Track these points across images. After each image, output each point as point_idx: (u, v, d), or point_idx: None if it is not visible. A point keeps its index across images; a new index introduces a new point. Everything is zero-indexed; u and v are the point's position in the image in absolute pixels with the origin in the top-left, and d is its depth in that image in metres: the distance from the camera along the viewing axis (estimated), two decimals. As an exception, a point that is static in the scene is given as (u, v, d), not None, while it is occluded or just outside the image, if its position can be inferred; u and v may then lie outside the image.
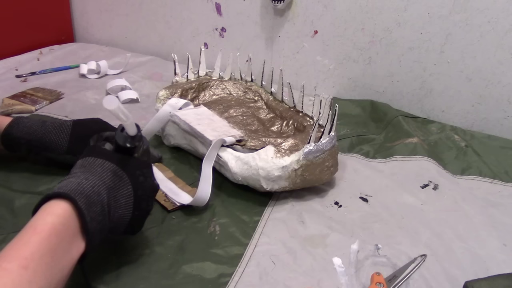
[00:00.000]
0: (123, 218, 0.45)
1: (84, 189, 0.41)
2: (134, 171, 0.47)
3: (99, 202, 0.42)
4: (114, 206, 0.44)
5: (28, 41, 1.18)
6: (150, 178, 0.49)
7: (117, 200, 0.44)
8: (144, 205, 0.48)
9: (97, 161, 0.45)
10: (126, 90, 0.94)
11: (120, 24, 1.28)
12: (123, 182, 0.45)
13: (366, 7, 0.91)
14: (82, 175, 0.43)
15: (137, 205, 0.46)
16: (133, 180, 0.46)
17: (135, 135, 0.47)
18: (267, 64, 0.84)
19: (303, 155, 0.59)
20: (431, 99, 0.93)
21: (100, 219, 0.42)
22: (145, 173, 0.48)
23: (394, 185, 0.67)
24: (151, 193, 0.49)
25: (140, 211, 0.47)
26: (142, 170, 0.48)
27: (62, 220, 0.38)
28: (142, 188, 0.47)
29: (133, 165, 0.47)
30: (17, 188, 0.61)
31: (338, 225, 0.58)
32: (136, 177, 0.46)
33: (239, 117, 0.77)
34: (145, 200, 0.47)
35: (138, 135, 0.48)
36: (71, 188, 0.41)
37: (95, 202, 0.41)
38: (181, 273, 0.49)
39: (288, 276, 0.50)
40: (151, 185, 0.49)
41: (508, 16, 0.80)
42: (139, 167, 0.48)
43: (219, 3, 1.08)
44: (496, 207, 0.63)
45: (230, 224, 0.57)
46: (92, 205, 0.41)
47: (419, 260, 0.52)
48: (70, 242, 0.39)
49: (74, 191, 0.40)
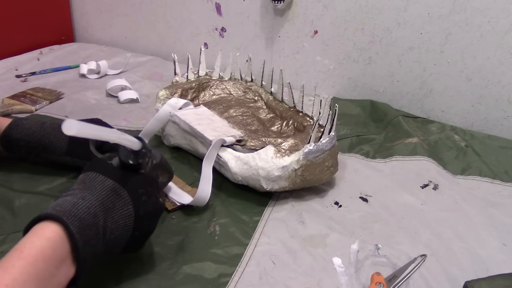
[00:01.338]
0: (120, 239, 0.43)
1: (78, 211, 0.39)
2: (137, 190, 0.45)
3: (94, 225, 0.40)
4: (111, 228, 0.42)
5: (28, 41, 1.18)
6: (155, 196, 0.47)
7: (115, 222, 0.42)
8: (146, 225, 0.46)
9: (98, 177, 0.43)
10: (126, 90, 0.94)
11: (120, 24, 1.28)
12: (123, 202, 0.43)
13: (366, 7, 0.91)
14: (80, 194, 0.41)
15: (138, 225, 0.44)
16: (135, 199, 0.44)
17: (138, 150, 0.45)
18: (267, 64, 0.84)
19: (303, 155, 0.59)
20: (431, 99, 0.93)
21: (93, 242, 0.40)
22: (149, 192, 0.46)
23: (394, 185, 0.67)
24: (154, 213, 0.46)
25: (141, 231, 0.45)
26: (146, 188, 0.46)
27: (51, 244, 0.36)
28: (144, 208, 0.45)
29: (136, 182, 0.45)
30: (17, 188, 0.61)
31: (338, 225, 0.58)
32: (139, 196, 0.44)
33: (239, 117, 0.77)
34: (146, 220, 0.45)
35: (142, 151, 0.46)
36: (65, 209, 0.39)
37: (89, 225, 0.39)
38: (181, 273, 0.49)
39: (288, 276, 0.50)
40: (155, 203, 0.46)
41: (508, 16, 0.80)
42: (143, 185, 0.46)
43: (219, 3, 1.08)
44: (496, 207, 0.63)
45: (230, 224, 0.57)
46: (86, 228, 0.39)
47: (419, 260, 0.52)
48: (59, 267, 0.37)
49: (67, 212, 0.38)
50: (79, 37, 1.37)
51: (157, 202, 0.47)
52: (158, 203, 0.47)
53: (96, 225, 0.40)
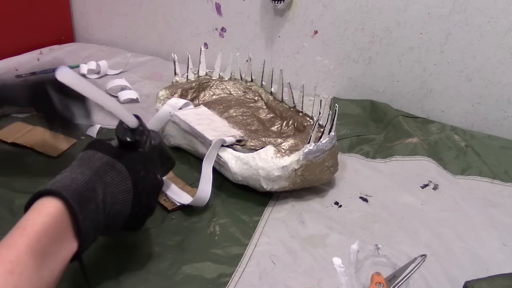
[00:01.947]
0: (120, 215, 0.44)
1: (77, 186, 0.39)
2: (135, 165, 0.45)
3: (93, 199, 0.40)
4: (110, 203, 0.42)
5: (28, 41, 1.18)
6: (153, 173, 0.47)
7: (114, 196, 0.42)
8: (145, 201, 0.46)
9: (97, 154, 0.44)
10: (126, 90, 0.94)
11: (120, 24, 1.28)
12: (122, 177, 0.43)
13: (366, 7, 0.91)
14: (78, 169, 0.41)
15: (137, 201, 0.44)
16: (133, 174, 0.44)
17: (135, 128, 0.45)
18: (267, 64, 0.84)
19: (303, 155, 0.59)
20: (431, 99, 0.93)
21: (94, 216, 0.40)
22: (147, 168, 0.46)
23: (394, 185, 0.67)
24: (153, 188, 0.47)
25: (141, 207, 0.45)
26: (144, 164, 0.46)
27: (53, 220, 0.37)
28: (142, 183, 0.45)
29: (134, 159, 0.45)
30: (17, 188, 0.61)
31: (338, 225, 0.58)
32: (137, 171, 0.45)
33: (239, 117, 0.77)
34: (146, 195, 0.45)
35: (139, 129, 0.46)
36: (64, 184, 0.39)
37: (89, 199, 0.40)
38: (181, 273, 0.50)
39: (288, 276, 0.50)
40: (153, 180, 0.47)
41: (508, 16, 0.80)
42: (141, 161, 0.46)
43: (219, 3, 1.08)
44: (496, 207, 0.63)
45: (230, 224, 0.57)
46: (85, 203, 0.39)
47: (419, 260, 0.52)
48: (61, 243, 0.37)
49: (67, 188, 0.39)
50: (79, 37, 1.37)
51: (155, 178, 0.47)
52: (157, 180, 0.47)
53: (95, 199, 0.40)
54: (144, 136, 0.47)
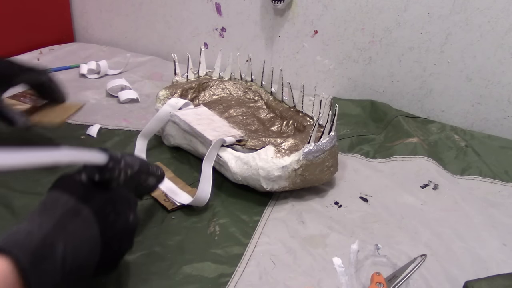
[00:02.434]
0: (86, 267, 0.39)
1: (32, 242, 0.35)
2: (104, 208, 0.41)
3: (51, 256, 0.35)
4: (73, 256, 0.37)
5: (28, 41, 1.18)
6: (125, 214, 0.43)
7: (78, 248, 0.38)
8: (116, 246, 0.42)
9: (62, 198, 0.40)
10: (126, 90, 0.94)
11: (120, 24, 1.28)
12: (87, 224, 0.39)
13: (366, 7, 0.91)
14: (37, 219, 0.37)
15: (106, 248, 0.40)
16: (101, 219, 0.40)
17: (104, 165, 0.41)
18: (267, 64, 0.84)
19: (303, 155, 0.59)
20: (431, 99, 0.93)
21: (51, 275, 0.35)
22: (118, 210, 0.42)
23: (394, 185, 0.67)
24: (125, 231, 0.43)
25: (111, 253, 0.42)
26: (114, 205, 0.42)
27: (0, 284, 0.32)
28: (112, 228, 0.41)
29: (103, 200, 0.42)
30: (17, 188, 0.61)
31: (338, 225, 0.58)
32: (106, 215, 0.41)
33: (239, 117, 0.77)
34: (116, 241, 0.42)
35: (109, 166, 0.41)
36: (17, 239, 0.35)
37: (45, 256, 0.35)
38: (181, 273, 0.49)
39: (288, 276, 0.50)
40: (125, 222, 0.43)
41: (508, 16, 0.80)
42: (111, 202, 0.42)
43: (219, 3, 1.08)
44: (496, 207, 0.63)
45: (230, 224, 0.57)
46: (41, 260, 0.34)
47: (419, 260, 0.52)
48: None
49: (20, 244, 0.34)
50: (79, 37, 1.37)
51: (127, 220, 0.43)
52: (129, 221, 0.43)
53: (53, 257, 0.36)
54: (115, 171, 0.42)
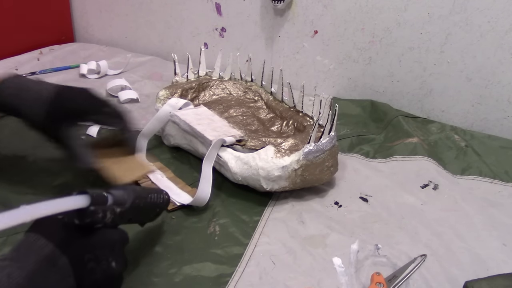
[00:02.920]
0: None
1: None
2: (82, 256, 0.39)
3: None
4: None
5: (28, 41, 1.18)
6: (106, 261, 0.40)
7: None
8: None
9: (38, 242, 0.37)
10: (126, 90, 0.94)
11: (120, 24, 1.28)
12: (61, 274, 0.37)
13: (366, 7, 0.91)
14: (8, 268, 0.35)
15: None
16: (78, 268, 0.38)
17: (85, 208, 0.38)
18: (267, 64, 0.84)
19: (303, 155, 0.59)
20: (431, 99, 0.93)
21: None
22: (98, 257, 0.40)
23: (394, 185, 0.67)
24: (105, 281, 0.40)
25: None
26: (95, 252, 0.39)
27: None
28: (90, 277, 0.39)
29: (82, 247, 0.39)
30: (17, 189, 0.61)
31: (338, 225, 0.58)
32: (84, 263, 0.38)
33: (239, 117, 0.77)
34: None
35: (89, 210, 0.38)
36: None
37: None
38: (181, 273, 0.49)
39: (288, 276, 0.50)
40: (105, 270, 0.40)
41: (508, 16, 0.80)
42: (92, 249, 0.39)
43: (219, 3, 1.08)
44: (496, 207, 0.63)
45: (230, 224, 0.57)
46: None
47: (419, 260, 0.52)
48: None
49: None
50: (79, 37, 1.37)
51: (109, 268, 0.40)
52: (110, 269, 0.41)
53: None
54: (98, 214, 0.39)
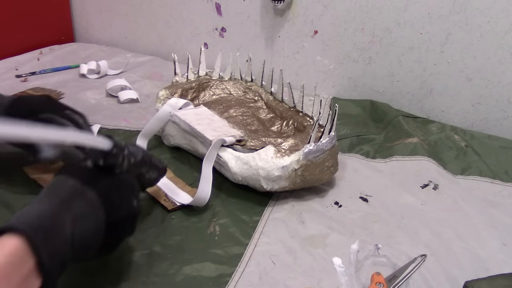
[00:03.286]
0: (91, 246, 0.41)
1: (43, 220, 0.37)
2: (109, 193, 0.42)
3: (61, 234, 0.37)
4: (79, 235, 0.39)
5: (28, 41, 1.18)
6: (129, 199, 0.44)
7: (84, 228, 0.40)
8: (120, 230, 0.44)
9: (68, 181, 0.41)
10: (126, 90, 0.94)
11: (120, 24, 1.28)
12: (93, 207, 0.41)
13: (366, 7, 0.91)
14: (47, 201, 0.39)
15: (111, 230, 0.42)
16: (107, 203, 0.42)
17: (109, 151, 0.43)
18: (267, 64, 0.84)
19: (303, 155, 0.59)
20: (431, 99, 0.93)
21: (61, 251, 0.37)
22: (122, 195, 0.44)
23: (394, 185, 0.67)
24: (128, 216, 0.44)
25: (114, 236, 0.43)
26: (119, 191, 0.44)
27: (13, 260, 0.34)
28: (116, 212, 0.43)
29: (108, 186, 0.43)
30: (17, 189, 0.61)
31: (338, 225, 0.58)
32: (110, 200, 0.42)
33: (239, 117, 0.77)
34: (120, 225, 0.43)
35: (113, 152, 0.43)
36: (29, 219, 0.36)
37: (55, 235, 0.37)
38: (181, 273, 0.49)
39: (288, 276, 0.50)
40: (129, 207, 0.44)
41: (508, 16, 0.80)
42: (116, 188, 0.43)
43: (219, 3, 1.08)
44: (496, 207, 0.63)
45: (230, 224, 0.57)
46: (51, 238, 0.36)
47: (419, 260, 0.52)
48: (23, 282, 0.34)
49: (31, 223, 0.36)
50: (79, 37, 1.37)
51: (131, 206, 0.45)
52: (132, 208, 0.45)
53: (62, 234, 0.38)
54: (119, 157, 0.44)
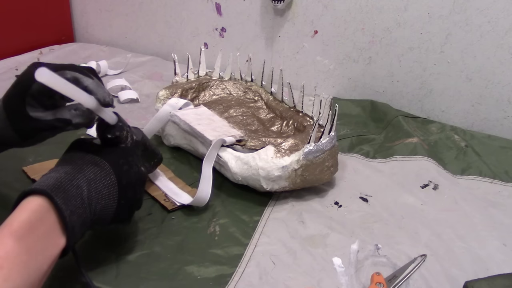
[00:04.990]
0: (107, 209, 0.45)
1: (62, 183, 0.41)
2: (118, 160, 0.46)
3: (79, 195, 0.41)
4: (96, 198, 0.43)
5: (28, 41, 1.18)
6: (136, 166, 0.48)
7: (99, 191, 0.44)
8: (131, 193, 0.47)
9: (78, 154, 0.45)
10: (126, 90, 0.94)
11: (120, 24, 1.28)
12: (105, 172, 0.45)
13: (366, 7, 0.91)
14: (62, 169, 0.43)
15: (123, 194, 0.46)
16: (116, 169, 0.45)
17: (115, 124, 0.47)
18: (267, 64, 0.84)
19: (303, 155, 0.59)
20: (431, 99, 0.93)
21: (80, 211, 0.41)
22: (130, 162, 0.47)
23: (394, 185, 0.67)
24: (137, 181, 0.48)
25: (127, 200, 0.47)
26: (126, 158, 0.47)
27: (38, 216, 0.38)
28: (126, 176, 0.46)
29: (116, 154, 0.47)
30: (17, 188, 0.61)
31: (338, 225, 0.58)
32: (120, 166, 0.46)
33: (239, 117, 0.77)
34: (131, 188, 0.47)
35: (118, 125, 0.47)
36: (48, 183, 0.40)
37: (74, 196, 0.41)
38: (181, 273, 0.49)
39: (288, 276, 0.50)
40: (137, 173, 0.48)
41: (508, 16, 0.80)
42: (123, 156, 0.47)
43: (219, 3, 1.08)
44: (496, 207, 0.63)
45: (230, 224, 0.57)
46: (71, 199, 0.40)
47: (419, 260, 0.52)
48: (49, 239, 0.39)
49: (51, 186, 0.40)
50: (79, 37, 1.37)
51: (139, 171, 0.48)
52: (140, 172, 0.49)
53: (80, 196, 0.41)
54: (124, 131, 0.48)
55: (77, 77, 0.44)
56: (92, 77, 0.45)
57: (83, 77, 0.44)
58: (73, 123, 0.44)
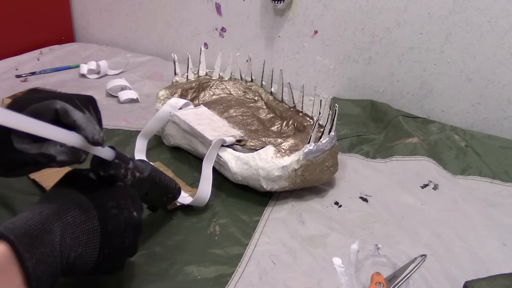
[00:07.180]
0: (85, 258, 0.39)
1: (30, 227, 0.36)
2: (106, 203, 0.41)
3: (49, 242, 0.36)
4: (70, 245, 0.38)
5: (28, 41, 1.18)
6: (128, 210, 0.43)
7: (76, 237, 0.38)
8: (117, 242, 0.42)
9: (65, 190, 0.41)
10: (126, 90, 0.94)
11: (120, 24, 1.28)
12: (86, 216, 0.39)
13: (366, 7, 0.91)
14: (38, 209, 0.38)
15: (107, 242, 0.40)
16: (102, 213, 0.40)
17: (111, 161, 0.42)
18: (267, 64, 0.84)
19: (303, 155, 0.59)
20: (431, 99, 0.93)
21: (50, 260, 0.36)
22: (121, 205, 0.42)
23: (394, 185, 0.67)
24: (127, 227, 0.42)
25: (112, 249, 0.41)
26: (118, 201, 0.42)
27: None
28: (113, 222, 0.41)
29: (106, 194, 0.42)
30: (17, 188, 0.61)
31: (338, 225, 0.58)
32: (107, 209, 0.41)
33: (239, 117, 0.77)
34: (118, 235, 0.41)
35: (114, 162, 0.42)
36: (16, 225, 0.35)
37: (43, 242, 0.36)
38: (181, 273, 0.50)
39: (288, 276, 0.50)
40: (127, 218, 0.42)
41: (508, 16, 0.80)
42: (114, 198, 0.42)
43: (219, 3, 1.08)
44: (496, 207, 0.63)
45: (230, 224, 0.57)
46: (39, 246, 0.35)
47: (419, 260, 0.52)
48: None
49: (18, 229, 0.35)
50: (79, 37, 1.37)
51: (131, 216, 0.43)
52: (132, 218, 0.43)
53: (51, 242, 0.36)
54: (121, 169, 0.43)
55: (67, 110, 0.39)
56: (84, 111, 0.40)
57: (73, 110, 0.39)
58: (57, 160, 0.38)
